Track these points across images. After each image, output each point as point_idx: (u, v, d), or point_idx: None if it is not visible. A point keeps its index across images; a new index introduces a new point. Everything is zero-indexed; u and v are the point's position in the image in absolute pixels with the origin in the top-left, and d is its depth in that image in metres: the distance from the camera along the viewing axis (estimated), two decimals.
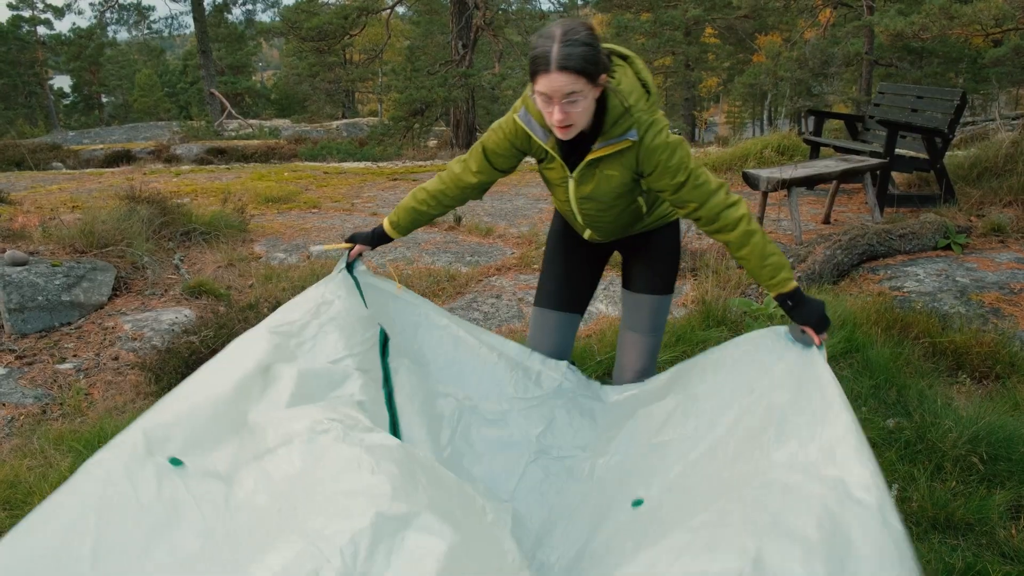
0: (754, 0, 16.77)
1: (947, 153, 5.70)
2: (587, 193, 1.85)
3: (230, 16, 29.35)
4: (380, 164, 10.67)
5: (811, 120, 6.74)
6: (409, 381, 1.95)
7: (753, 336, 1.84)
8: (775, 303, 1.81)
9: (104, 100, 38.88)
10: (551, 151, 1.80)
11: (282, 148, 13.85)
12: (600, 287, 3.99)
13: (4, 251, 3.66)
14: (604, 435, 1.98)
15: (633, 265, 2.12)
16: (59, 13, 32.59)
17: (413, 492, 1.24)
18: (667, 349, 2.98)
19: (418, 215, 2.03)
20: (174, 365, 2.93)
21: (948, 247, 4.40)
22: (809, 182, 5.00)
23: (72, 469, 1.86)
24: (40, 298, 3.39)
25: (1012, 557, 1.89)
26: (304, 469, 1.33)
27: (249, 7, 29.90)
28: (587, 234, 2.03)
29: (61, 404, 2.80)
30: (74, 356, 3.18)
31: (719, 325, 3.27)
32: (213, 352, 1.70)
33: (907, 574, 1.02)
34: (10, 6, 32.69)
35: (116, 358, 3.17)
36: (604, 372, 2.85)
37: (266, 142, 14.80)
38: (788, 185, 4.64)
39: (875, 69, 15.73)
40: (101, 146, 15.33)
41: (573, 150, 1.78)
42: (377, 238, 2.07)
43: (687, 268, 4.18)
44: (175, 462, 1.30)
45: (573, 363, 2.18)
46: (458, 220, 5.57)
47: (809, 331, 1.72)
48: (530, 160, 1.95)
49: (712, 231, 1.77)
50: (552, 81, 1.55)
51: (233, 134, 17.68)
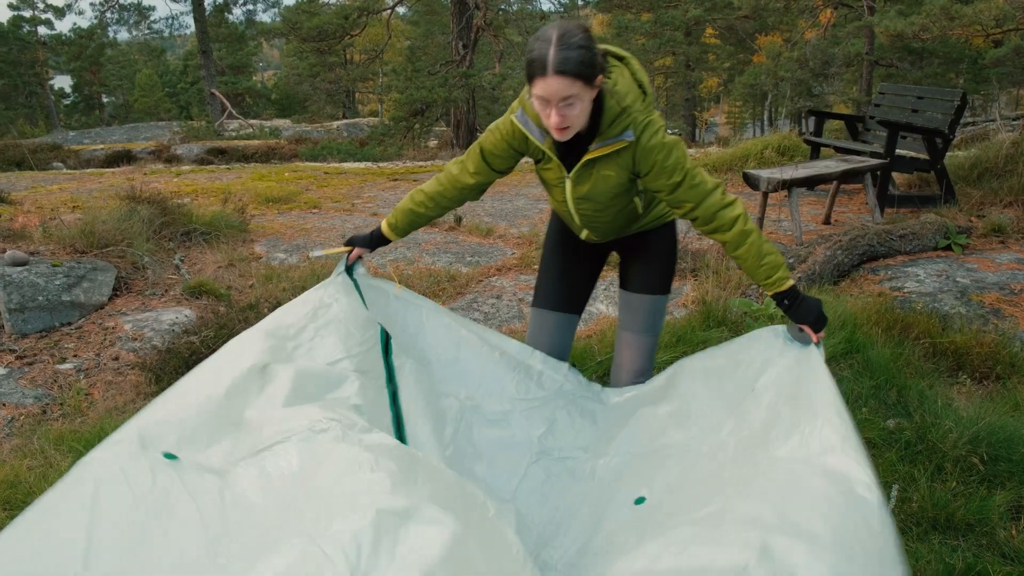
0: (755, 0, 16.77)
1: (947, 153, 5.70)
2: (584, 193, 1.85)
3: (231, 16, 29.35)
4: (380, 164, 10.67)
5: (811, 120, 6.74)
6: (413, 379, 1.95)
7: (752, 335, 1.85)
8: (775, 303, 1.81)
9: (105, 100, 38.93)
10: (548, 152, 1.81)
11: (282, 148, 13.85)
12: (600, 287, 3.99)
13: (4, 251, 3.67)
14: (605, 436, 1.98)
15: (630, 265, 2.13)
16: (60, 13, 32.62)
17: (413, 486, 1.23)
18: (667, 349, 2.98)
19: (416, 217, 2.04)
20: (174, 365, 2.93)
21: (948, 248, 4.40)
22: (809, 182, 5.00)
23: None
24: (40, 298, 3.39)
25: (1012, 558, 1.89)
26: (302, 467, 1.33)
27: (250, 7, 29.83)
28: (584, 234, 2.03)
29: (61, 404, 2.81)
30: (74, 356, 3.18)
31: (719, 325, 3.26)
32: (213, 352, 1.70)
33: (905, 574, 1.04)
34: (11, 6, 32.73)
35: (116, 358, 3.17)
36: (604, 372, 2.85)
37: (267, 142, 14.80)
38: (788, 185, 4.64)
39: (875, 69, 15.73)
40: (102, 146, 15.34)
41: (570, 151, 1.79)
42: (375, 241, 2.08)
43: (688, 268, 4.18)
44: (170, 457, 1.29)
45: (573, 365, 2.18)
46: (458, 220, 5.57)
47: (807, 329, 1.73)
48: (529, 160, 1.96)
49: (708, 231, 1.78)
50: (549, 85, 1.56)
51: (234, 134, 17.69)
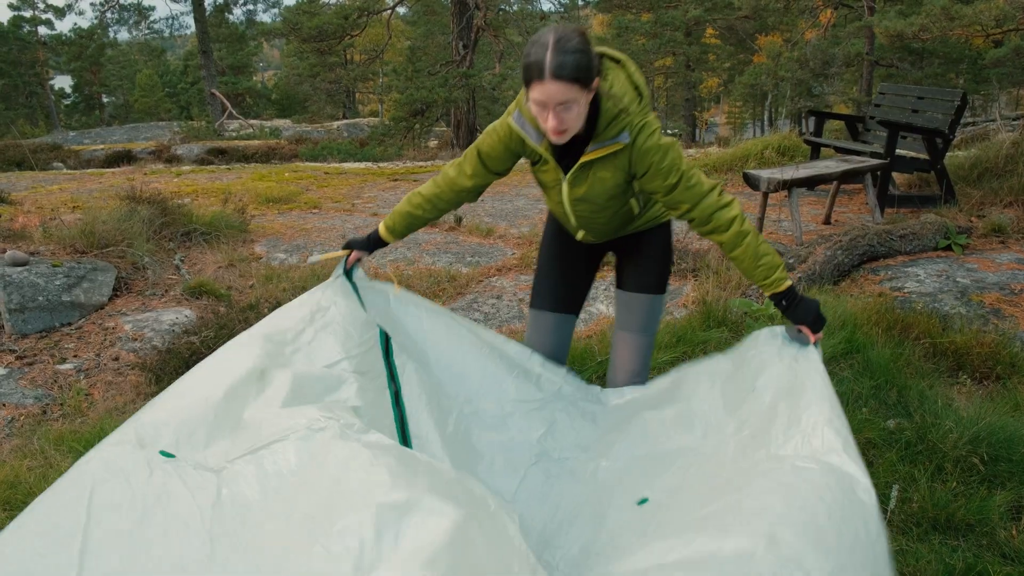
0: (755, 1, 16.77)
1: (948, 154, 5.70)
2: (580, 195, 1.86)
3: (231, 16, 29.36)
4: (381, 164, 10.68)
5: (811, 121, 6.73)
6: (416, 379, 1.95)
7: (752, 337, 1.86)
8: (773, 304, 1.82)
9: (105, 100, 38.94)
10: (545, 154, 1.81)
11: (283, 148, 13.86)
12: (600, 287, 3.99)
13: (5, 251, 3.67)
14: (606, 438, 1.98)
15: (626, 265, 2.14)
16: (60, 13, 32.63)
17: (412, 479, 1.23)
18: (667, 350, 2.98)
19: (413, 219, 2.04)
20: (174, 366, 2.93)
21: (949, 248, 4.40)
22: (810, 183, 5.00)
23: None
24: (40, 298, 3.39)
25: (1013, 558, 1.89)
26: (301, 465, 1.33)
27: (250, 7, 29.84)
28: (580, 235, 2.04)
29: (61, 404, 2.81)
30: (74, 356, 3.18)
31: (719, 326, 3.26)
32: (213, 352, 1.70)
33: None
34: (11, 6, 32.74)
35: (116, 358, 3.17)
36: (604, 373, 2.85)
37: (267, 142, 14.81)
38: (789, 186, 4.64)
39: (876, 70, 15.73)
40: (102, 146, 15.35)
41: (566, 152, 1.79)
42: (373, 243, 2.07)
43: (688, 269, 4.17)
44: (167, 455, 1.29)
45: (572, 368, 2.19)
46: (459, 221, 5.57)
47: (805, 330, 1.73)
48: (527, 161, 1.96)
49: (705, 232, 1.78)
50: (546, 89, 1.56)
51: (234, 134, 17.69)
